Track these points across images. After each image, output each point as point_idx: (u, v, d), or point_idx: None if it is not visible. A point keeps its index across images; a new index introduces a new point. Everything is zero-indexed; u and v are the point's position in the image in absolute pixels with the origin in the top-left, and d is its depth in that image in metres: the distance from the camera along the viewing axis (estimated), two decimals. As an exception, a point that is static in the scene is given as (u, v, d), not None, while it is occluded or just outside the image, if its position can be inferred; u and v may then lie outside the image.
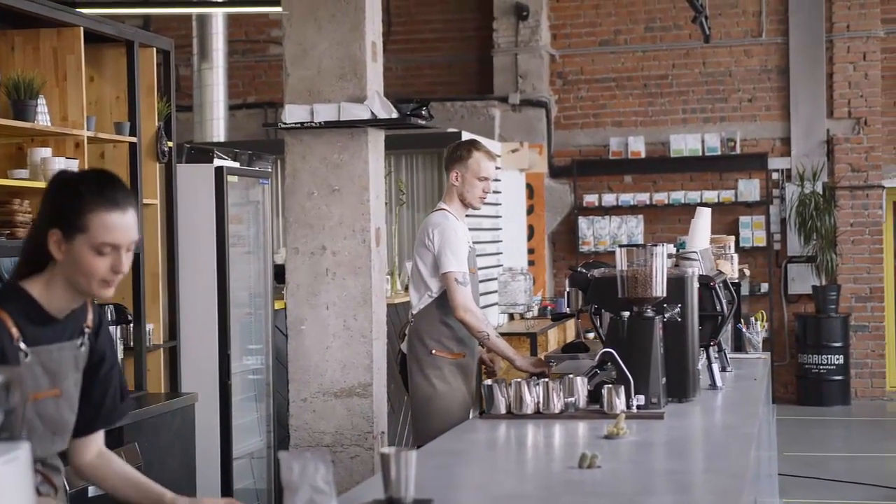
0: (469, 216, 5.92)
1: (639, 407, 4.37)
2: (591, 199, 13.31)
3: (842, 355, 12.60)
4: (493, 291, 10.31)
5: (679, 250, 5.63)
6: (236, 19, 13.47)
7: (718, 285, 5.22)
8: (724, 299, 5.23)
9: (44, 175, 5.36)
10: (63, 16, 5.55)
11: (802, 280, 12.95)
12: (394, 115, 5.66)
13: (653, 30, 13.45)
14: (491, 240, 10.52)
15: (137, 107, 6.03)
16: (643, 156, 13.27)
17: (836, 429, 11.81)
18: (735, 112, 13.26)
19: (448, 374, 5.53)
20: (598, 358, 4.58)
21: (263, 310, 7.30)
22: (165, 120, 6.38)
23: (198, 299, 6.64)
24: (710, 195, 12.96)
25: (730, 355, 5.90)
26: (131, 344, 6.04)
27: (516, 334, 9.44)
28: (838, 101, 12.99)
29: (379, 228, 5.78)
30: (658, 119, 13.42)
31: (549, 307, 10.82)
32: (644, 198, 13.19)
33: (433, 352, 5.54)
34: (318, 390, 5.66)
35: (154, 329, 6.30)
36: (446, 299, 5.50)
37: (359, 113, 5.62)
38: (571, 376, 4.48)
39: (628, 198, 13.23)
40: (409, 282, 5.81)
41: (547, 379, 4.51)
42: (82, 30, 5.62)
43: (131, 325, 6.01)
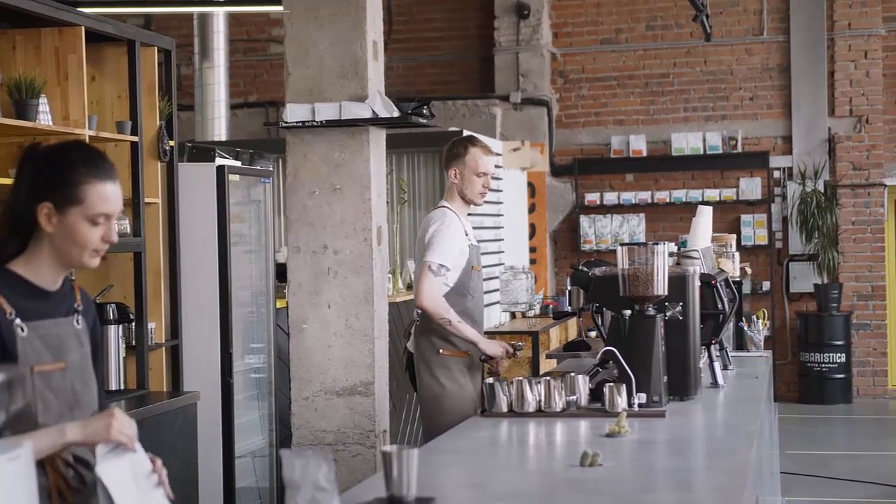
0: (471, 214, 5.90)
1: (640, 405, 4.37)
2: (592, 197, 13.31)
3: (843, 353, 12.59)
4: (494, 290, 10.31)
5: (681, 249, 5.63)
6: (237, 18, 13.47)
7: (720, 284, 5.22)
8: (725, 298, 5.23)
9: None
10: (64, 15, 5.55)
11: (804, 278, 12.95)
12: (395, 113, 5.66)
13: (654, 28, 13.44)
14: (493, 238, 10.52)
15: (139, 106, 6.03)
16: (645, 154, 13.26)
17: (838, 427, 11.81)
18: (736, 110, 13.26)
19: (456, 373, 5.54)
20: (599, 356, 4.58)
21: (265, 308, 7.30)
22: (167, 119, 6.38)
23: (200, 298, 6.64)
24: (712, 193, 12.96)
25: (731, 354, 5.90)
26: (133, 343, 6.04)
27: (518, 333, 9.44)
28: (840, 99, 12.98)
29: (380, 227, 5.78)
30: (659, 117, 13.41)
31: (550, 306, 10.83)
32: (645, 196, 13.18)
33: (440, 351, 5.54)
34: (320, 389, 5.66)
35: (156, 328, 6.30)
36: (452, 297, 5.50)
37: (360, 112, 5.62)
38: (573, 374, 4.48)
39: (630, 196, 13.23)
40: (411, 281, 5.80)
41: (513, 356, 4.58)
42: (83, 29, 5.62)
43: (133, 323, 6.01)
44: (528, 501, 3.08)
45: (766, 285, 12.92)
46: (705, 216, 5.84)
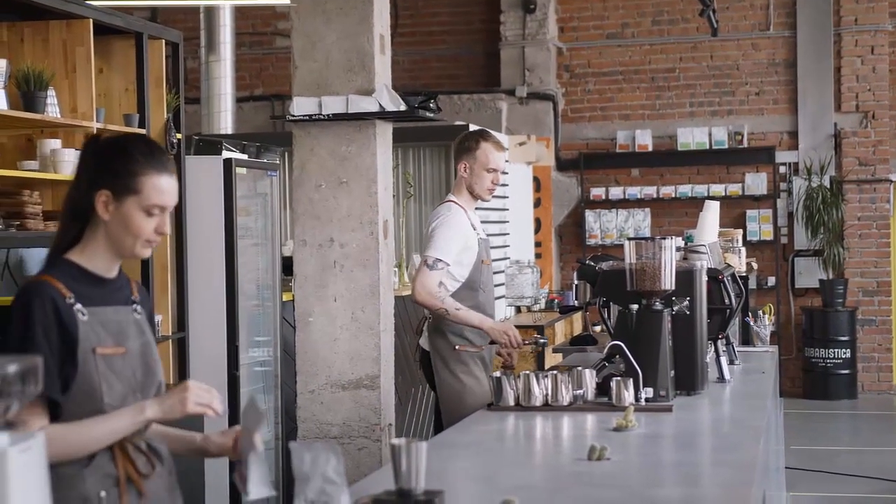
0: (477, 209, 5.89)
1: (647, 400, 4.37)
2: (598, 192, 13.31)
3: (849, 349, 12.59)
4: (500, 284, 10.30)
5: (687, 243, 5.63)
6: (243, 12, 13.47)
7: (727, 278, 5.22)
8: (732, 292, 5.23)
9: (53, 167, 5.37)
10: (72, 7, 5.56)
11: (809, 274, 12.94)
12: (402, 107, 5.65)
13: (660, 23, 13.43)
14: (498, 233, 10.51)
15: (146, 99, 6.04)
16: (650, 149, 13.26)
17: (843, 423, 11.81)
18: (742, 105, 13.25)
19: (474, 368, 5.52)
20: (606, 350, 4.58)
21: (271, 302, 7.31)
22: (174, 112, 6.39)
23: (206, 291, 6.65)
24: (718, 189, 12.95)
25: (737, 349, 5.89)
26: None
27: (524, 327, 9.41)
28: (846, 94, 12.97)
29: (387, 221, 5.77)
30: (665, 112, 13.41)
31: (556, 300, 10.82)
32: (651, 191, 13.18)
33: (457, 347, 5.50)
34: (326, 382, 5.66)
35: (162, 320, 6.31)
36: (463, 292, 5.48)
37: (367, 106, 5.61)
38: (580, 369, 4.48)
39: (635, 191, 13.22)
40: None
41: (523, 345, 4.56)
42: (91, 22, 5.62)
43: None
44: (537, 495, 3.08)
45: (772, 281, 12.92)
46: (712, 211, 5.84)
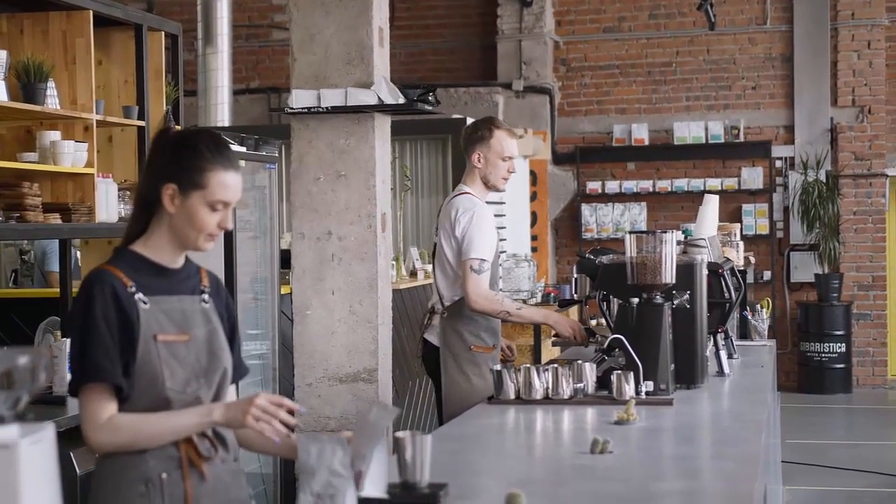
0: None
1: (647, 393, 4.38)
2: (594, 186, 13.31)
3: (844, 343, 12.62)
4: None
5: (687, 237, 5.63)
6: (239, 4, 13.45)
7: (726, 272, 5.23)
8: (731, 286, 5.24)
9: (53, 159, 5.36)
10: (73, -1, 5.55)
11: (805, 268, 12.96)
12: (401, 100, 5.64)
13: (657, 17, 13.43)
14: (494, 226, 10.51)
15: (146, 91, 6.03)
16: (646, 143, 13.26)
17: (838, 417, 11.83)
18: (739, 100, 13.26)
19: (485, 370, 5.32)
20: (606, 344, 4.59)
21: (269, 295, 7.30)
22: (173, 104, 6.37)
23: (204, 283, 6.63)
24: (714, 183, 12.96)
25: (735, 343, 5.90)
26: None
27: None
28: (842, 89, 12.98)
29: (385, 214, 5.76)
30: (661, 106, 13.41)
31: (552, 294, 10.81)
32: (647, 185, 13.19)
33: (472, 347, 5.36)
34: (324, 375, 5.65)
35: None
36: None
37: (366, 98, 5.61)
38: (580, 362, 4.48)
39: (631, 185, 13.23)
40: (435, 271, 5.53)
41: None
42: (91, 13, 5.61)
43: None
44: (542, 488, 3.09)
45: (767, 275, 12.94)
46: (712, 205, 5.84)
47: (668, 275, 4.53)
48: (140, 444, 2.87)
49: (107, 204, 5.63)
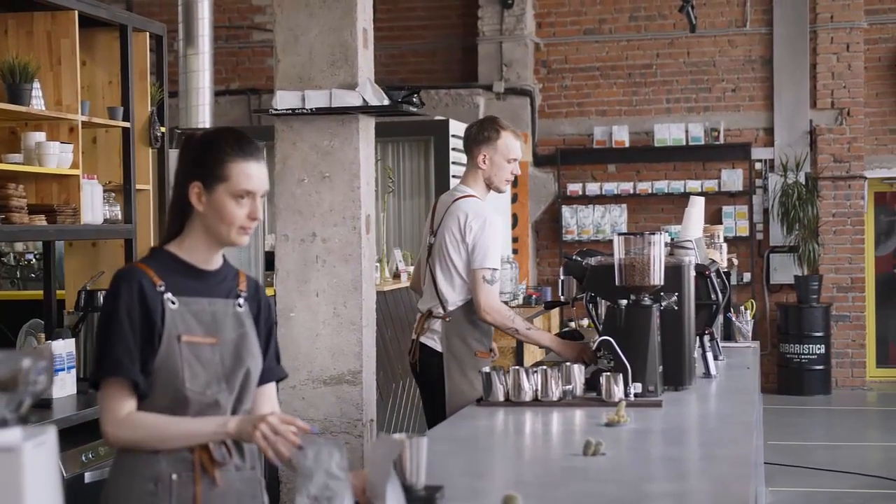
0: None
1: (636, 395, 4.38)
2: (574, 188, 13.33)
3: (823, 345, 12.67)
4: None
5: (673, 239, 5.64)
6: (219, 5, 13.39)
7: (713, 274, 5.24)
8: (718, 288, 5.25)
9: (38, 160, 5.32)
10: (58, -1, 5.51)
11: (784, 270, 13.01)
12: (385, 102, 5.64)
13: (637, 19, 13.46)
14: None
15: (131, 92, 5.99)
16: (627, 145, 13.29)
17: (818, 418, 11.88)
18: (719, 102, 13.30)
19: None
20: (595, 346, 4.59)
21: (253, 296, 7.27)
22: (158, 105, 6.34)
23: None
24: (694, 185, 13.00)
25: (720, 344, 5.91)
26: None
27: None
28: (821, 91, 13.04)
29: (369, 215, 5.76)
30: (642, 108, 13.44)
31: (533, 296, 10.82)
32: (628, 187, 13.22)
33: (477, 353, 5.22)
34: (308, 378, 5.65)
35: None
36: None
37: (350, 100, 5.60)
38: (568, 364, 4.49)
39: (612, 187, 13.25)
40: (434, 273, 5.27)
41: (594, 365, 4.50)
42: (77, 13, 5.57)
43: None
44: (536, 490, 3.08)
45: (747, 276, 12.98)
46: (698, 207, 5.85)
47: (657, 277, 4.54)
48: (154, 444, 2.89)
49: (92, 205, 5.60)
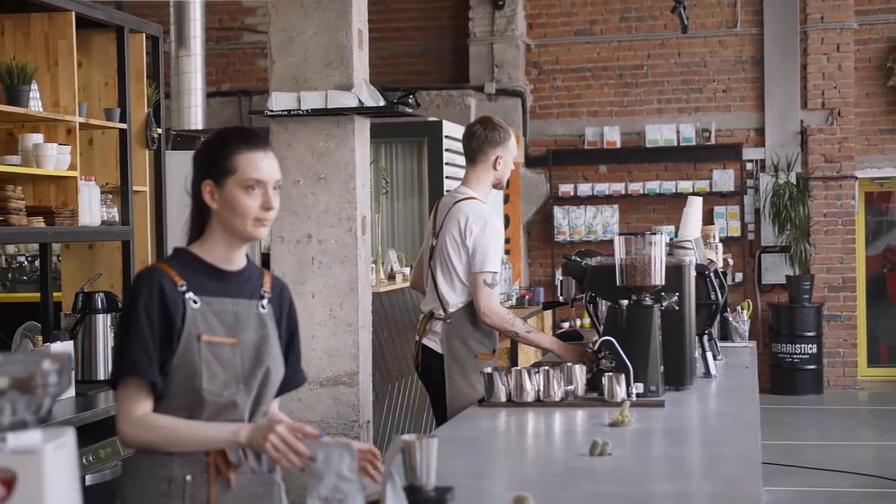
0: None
1: (638, 395, 4.39)
2: (566, 188, 13.34)
3: (815, 344, 12.70)
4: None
5: (672, 239, 5.65)
6: (210, 6, 13.38)
7: (712, 274, 5.25)
8: (717, 288, 5.26)
9: (36, 161, 5.31)
10: (55, 0, 5.49)
11: (776, 270, 13.04)
12: (381, 103, 5.64)
13: (628, 20, 13.47)
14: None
15: (128, 93, 5.98)
16: (618, 146, 13.30)
17: (810, 417, 11.90)
18: (710, 102, 13.32)
19: None
20: (596, 346, 4.59)
21: (248, 298, 7.26)
22: (154, 106, 6.33)
23: (185, 287, 6.58)
24: (685, 185, 13.02)
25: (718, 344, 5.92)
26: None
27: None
28: (812, 92, 13.07)
29: (365, 217, 5.76)
30: (633, 109, 13.45)
31: (526, 297, 10.83)
32: (619, 188, 13.23)
33: (478, 355, 5.17)
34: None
35: (142, 317, 6.24)
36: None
37: (346, 101, 5.60)
38: (570, 364, 4.49)
39: (603, 187, 13.26)
40: (435, 275, 5.19)
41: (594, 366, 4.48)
42: (74, 14, 5.55)
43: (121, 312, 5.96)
44: (545, 490, 3.08)
45: (739, 276, 13.00)
46: (696, 207, 5.85)
47: (658, 277, 4.54)
48: (167, 446, 2.88)
49: (90, 207, 5.58)
